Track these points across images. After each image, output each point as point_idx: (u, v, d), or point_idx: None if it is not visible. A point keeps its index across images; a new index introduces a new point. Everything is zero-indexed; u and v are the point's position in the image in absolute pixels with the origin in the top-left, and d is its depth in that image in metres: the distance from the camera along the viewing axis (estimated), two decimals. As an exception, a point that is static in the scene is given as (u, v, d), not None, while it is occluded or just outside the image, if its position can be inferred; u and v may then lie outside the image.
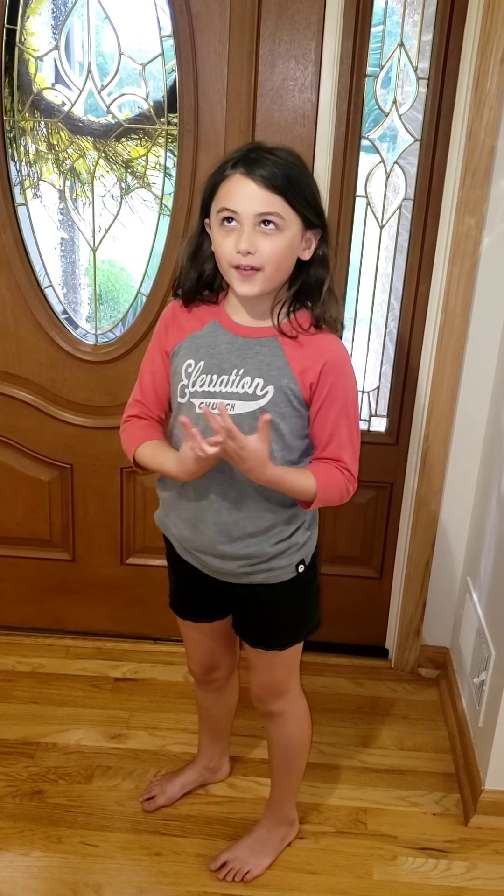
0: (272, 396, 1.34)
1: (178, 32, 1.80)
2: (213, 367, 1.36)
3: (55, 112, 1.91)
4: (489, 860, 1.76)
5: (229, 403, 1.33)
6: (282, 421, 1.35)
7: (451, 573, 2.17)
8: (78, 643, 2.33)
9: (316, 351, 1.34)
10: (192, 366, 1.37)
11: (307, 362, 1.34)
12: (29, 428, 2.15)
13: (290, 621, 1.54)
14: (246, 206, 1.26)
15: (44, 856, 1.72)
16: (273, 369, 1.34)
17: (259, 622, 1.54)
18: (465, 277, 1.88)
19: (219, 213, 1.29)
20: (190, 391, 1.37)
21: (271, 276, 1.30)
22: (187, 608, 1.63)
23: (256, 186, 1.25)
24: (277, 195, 1.26)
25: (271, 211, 1.26)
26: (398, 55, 1.83)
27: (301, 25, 1.77)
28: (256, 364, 1.34)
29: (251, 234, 1.26)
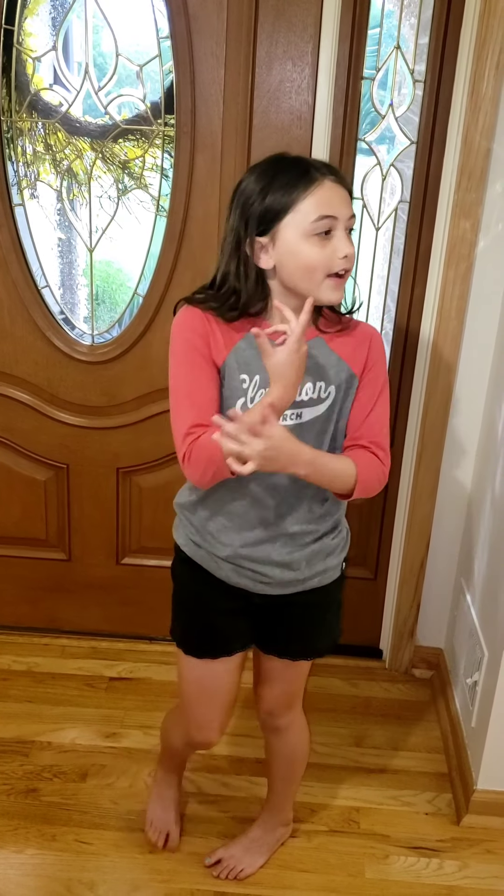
0: (334, 396, 1.34)
1: (175, 34, 1.80)
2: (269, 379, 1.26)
3: (52, 113, 1.92)
4: (480, 859, 1.77)
5: (296, 412, 1.31)
6: (340, 416, 1.36)
7: (446, 574, 2.18)
8: (73, 643, 2.34)
9: (359, 337, 1.36)
10: (247, 381, 1.30)
11: (356, 350, 1.35)
12: (25, 428, 2.15)
13: (334, 624, 1.54)
14: (344, 210, 1.25)
15: (38, 853, 1.73)
16: (330, 369, 1.33)
17: (306, 630, 1.49)
18: (461, 280, 1.89)
19: (316, 222, 1.22)
20: (249, 408, 1.29)
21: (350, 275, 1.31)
22: (222, 643, 1.49)
23: (345, 191, 1.26)
24: (350, 196, 1.28)
25: (353, 214, 1.27)
26: (395, 58, 1.84)
27: (298, 28, 1.78)
28: (314, 368, 1.32)
29: (346, 239, 1.25)
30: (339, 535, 1.46)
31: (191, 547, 1.45)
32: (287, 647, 1.52)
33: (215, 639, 1.49)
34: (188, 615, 1.51)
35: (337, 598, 1.52)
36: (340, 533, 1.46)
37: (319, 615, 1.50)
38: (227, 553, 1.40)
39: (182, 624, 1.52)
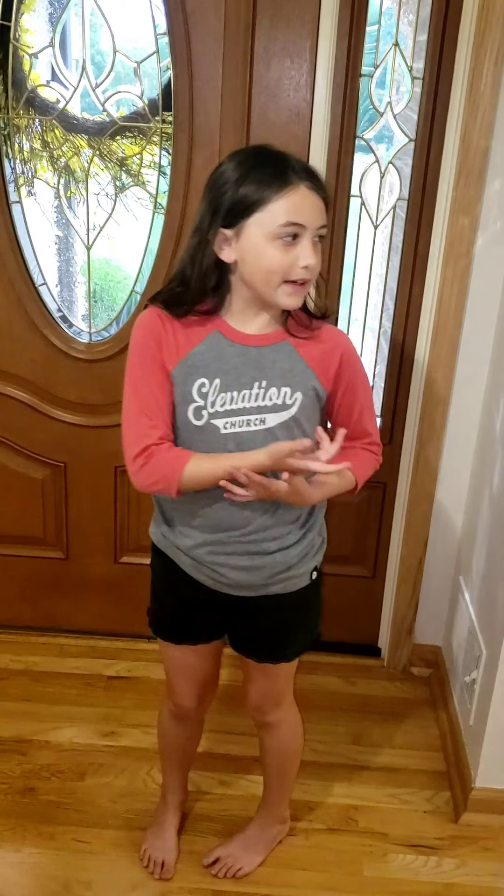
0: (301, 402, 1.32)
1: (173, 30, 1.79)
2: (232, 383, 1.29)
3: (50, 109, 1.91)
4: (479, 857, 1.77)
5: (259, 417, 1.30)
6: (307, 421, 1.35)
7: (444, 573, 2.18)
8: (71, 641, 2.33)
9: (328, 344, 1.34)
10: (206, 385, 1.28)
11: (324, 358, 1.33)
12: (22, 426, 2.15)
13: (301, 631, 1.52)
14: (314, 220, 1.22)
15: (36, 852, 1.73)
16: (296, 374, 1.32)
17: (271, 635, 1.48)
18: (459, 278, 1.88)
19: (283, 226, 1.20)
20: (209, 412, 1.29)
21: (312, 284, 1.29)
22: (188, 631, 1.51)
23: (319, 199, 1.22)
24: (327, 206, 1.25)
25: (326, 224, 1.25)
26: (393, 55, 1.83)
27: (296, 24, 1.78)
28: (278, 373, 1.30)
29: (313, 248, 1.23)
30: (307, 543, 1.43)
31: (158, 536, 1.47)
32: (255, 650, 1.51)
33: (181, 627, 1.51)
34: (158, 601, 1.54)
35: (309, 602, 1.50)
36: (311, 542, 1.44)
37: (288, 620, 1.48)
38: (189, 545, 1.40)
39: (154, 607, 1.56)
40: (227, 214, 1.23)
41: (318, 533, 1.46)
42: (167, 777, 1.75)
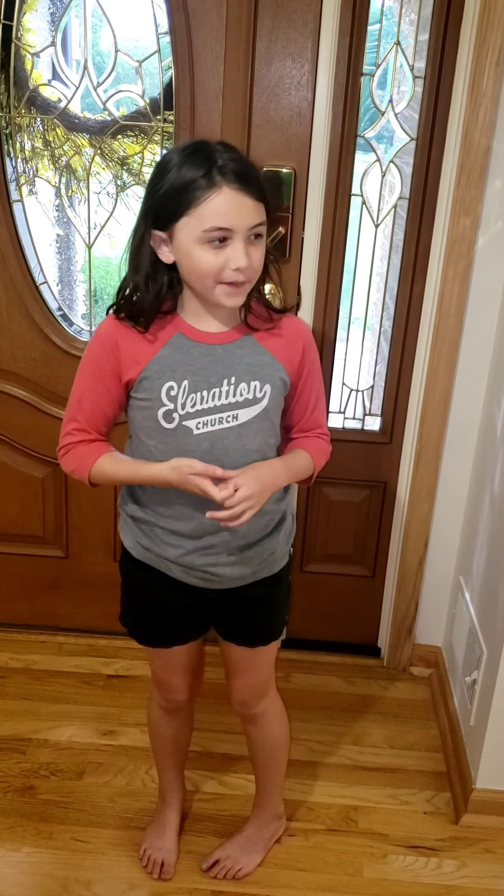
0: (270, 394, 1.33)
1: (174, 29, 1.79)
2: (201, 383, 1.29)
3: (51, 109, 1.91)
4: (479, 859, 1.77)
5: (231, 414, 1.31)
6: (275, 413, 1.37)
7: (444, 572, 2.18)
8: (70, 640, 2.33)
9: (291, 334, 1.36)
10: (174, 388, 1.28)
11: (289, 348, 1.35)
12: (23, 424, 2.15)
13: (282, 608, 1.55)
14: (243, 221, 1.19)
15: (34, 851, 1.72)
16: (264, 367, 1.33)
17: (260, 617, 1.50)
18: (460, 278, 1.88)
19: (208, 231, 1.19)
20: (180, 414, 1.29)
21: (252, 284, 1.27)
22: (176, 635, 1.51)
23: (249, 199, 1.19)
24: (262, 204, 1.22)
25: (261, 222, 1.22)
26: (394, 54, 1.83)
27: (298, 23, 1.78)
28: (246, 367, 1.31)
29: (246, 248, 1.21)
30: (286, 524, 1.47)
31: (138, 549, 1.43)
32: (243, 635, 1.52)
33: (168, 632, 1.51)
34: (140, 611, 1.52)
35: (285, 581, 1.53)
36: (286, 522, 1.47)
37: (271, 601, 1.51)
38: (177, 554, 1.39)
39: (134, 617, 1.53)
40: (156, 218, 1.23)
41: (290, 512, 1.50)
42: (164, 775, 1.74)
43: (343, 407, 2.13)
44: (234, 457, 1.32)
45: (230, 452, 1.32)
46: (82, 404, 1.34)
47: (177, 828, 1.75)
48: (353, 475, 2.16)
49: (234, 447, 1.32)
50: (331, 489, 2.18)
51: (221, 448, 1.31)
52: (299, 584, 2.28)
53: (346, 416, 2.14)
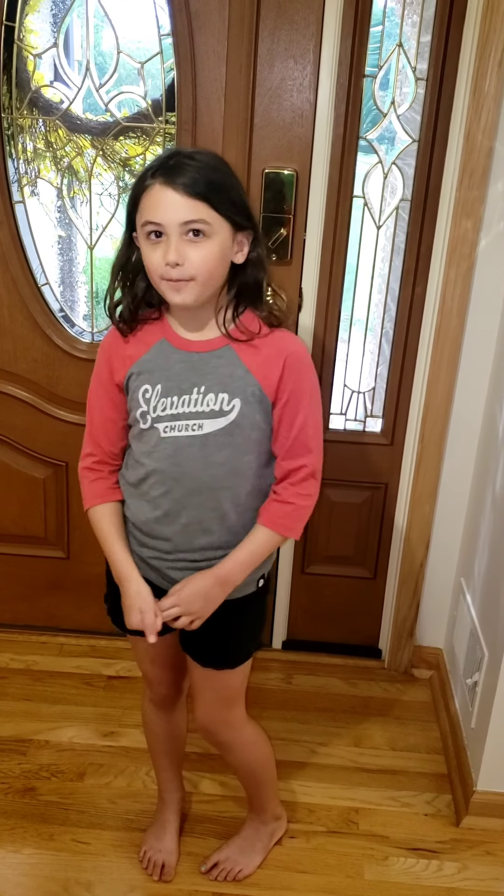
0: (240, 409, 1.31)
1: (176, 31, 1.79)
2: (172, 389, 1.31)
3: (53, 110, 1.91)
4: (480, 861, 1.76)
5: (196, 423, 1.31)
6: (254, 430, 1.33)
7: (445, 574, 2.18)
8: (71, 641, 2.33)
9: (274, 350, 1.31)
10: (149, 391, 1.33)
11: (267, 364, 1.30)
12: (24, 425, 2.15)
13: (244, 638, 1.50)
14: (170, 216, 1.21)
15: (35, 853, 1.72)
16: (235, 380, 1.30)
17: (215, 638, 1.46)
18: (462, 280, 1.88)
19: (143, 226, 1.24)
20: (152, 417, 1.33)
21: (204, 284, 1.26)
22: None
23: (178, 195, 1.20)
24: (201, 201, 1.21)
25: (196, 218, 1.21)
26: (397, 56, 1.83)
27: (300, 25, 1.77)
28: (217, 378, 1.30)
29: (179, 245, 1.22)
30: None
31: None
32: (199, 652, 1.49)
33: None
34: (113, 592, 1.53)
35: (250, 613, 1.48)
36: None
37: (232, 626, 1.45)
38: (136, 548, 1.44)
39: (110, 598, 1.56)
40: (128, 220, 1.29)
41: None
42: (160, 774, 1.74)
43: (344, 408, 2.13)
44: (196, 467, 1.33)
45: (191, 461, 1.33)
46: (93, 415, 1.42)
47: (176, 829, 1.74)
48: (355, 476, 2.16)
49: (197, 457, 1.32)
50: (332, 490, 2.18)
51: (183, 455, 1.32)
52: (300, 585, 2.28)
53: (347, 418, 2.14)
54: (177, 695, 1.64)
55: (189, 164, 1.22)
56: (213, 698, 1.53)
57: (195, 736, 1.76)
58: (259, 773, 1.67)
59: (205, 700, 1.54)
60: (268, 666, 2.28)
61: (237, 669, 1.50)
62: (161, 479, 1.35)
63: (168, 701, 1.63)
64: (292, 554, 2.25)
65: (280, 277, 1.94)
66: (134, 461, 1.40)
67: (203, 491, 1.34)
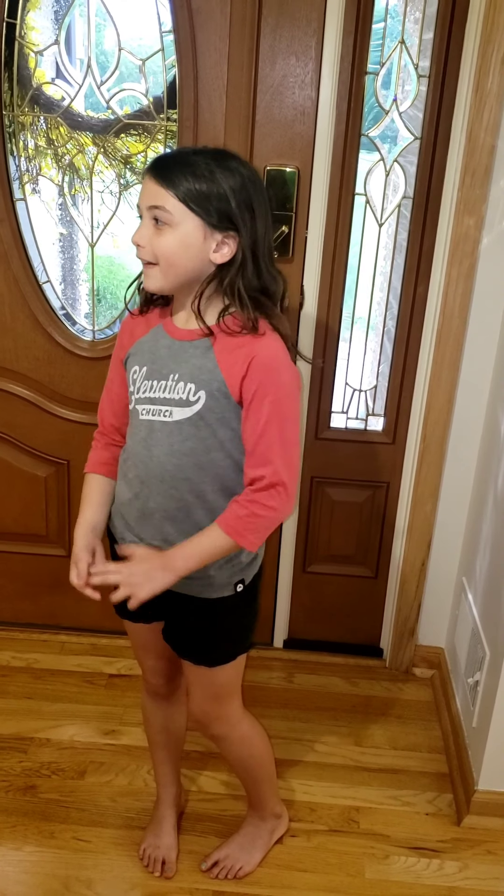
0: (205, 402, 1.31)
1: (178, 28, 1.79)
2: (154, 372, 1.35)
3: (55, 107, 1.91)
4: (481, 860, 1.76)
5: (167, 409, 1.33)
6: (221, 427, 1.32)
7: (447, 573, 2.17)
8: (73, 639, 2.33)
9: (245, 351, 1.29)
10: (137, 372, 1.38)
11: (236, 364, 1.29)
12: (26, 424, 2.15)
13: (220, 640, 1.48)
14: (143, 200, 1.28)
15: (36, 850, 1.72)
16: (204, 373, 1.30)
17: (190, 634, 1.47)
18: (464, 278, 1.88)
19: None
20: (136, 398, 1.37)
21: (166, 272, 1.28)
22: (125, 608, 1.43)
23: (151, 182, 1.26)
24: (166, 190, 1.24)
25: (157, 205, 1.25)
26: (399, 53, 1.83)
27: (302, 22, 1.77)
28: (189, 368, 1.31)
29: (143, 228, 1.28)
30: (232, 560, 1.40)
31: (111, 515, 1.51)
32: (178, 645, 1.50)
33: (123, 604, 1.47)
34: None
35: (235, 614, 1.46)
36: (233, 557, 1.40)
37: (210, 625, 1.45)
38: (122, 531, 1.46)
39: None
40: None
41: (247, 552, 1.41)
42: (158, 769, 1.74)
43: (346, 407, 2.12)
44: (161, 452, 1.35)
45: (160, 446, 1.35)
46: (106, 386, 1.50)
47: (174, 824, 1.74)
48: (356, 475, 2.16)
49: (164, 443, 1.34)
50: (333, 489, 2.17)
51: (154, 440, 1.35)
52: (301, 584, 2.28)
53: (348, 416, 2.13)
54: (171, 686, 1.64)
55: (172, 156, 1.30)
56: (202, 693, 1.54)
57: (196, 734, 1.77)
58: (255, 769, 1.67)
59: (195, 693, 1.55)
60: (269, 665, 2.28)
61: (222, 668, 1.49)
62: (135, 461, 1.39)
63: (162, 691, 1.64)
64: (293, 553, 2.24)
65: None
66: (125, 440, 1.46)
67: (166, 479, 1.35)
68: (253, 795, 1.71)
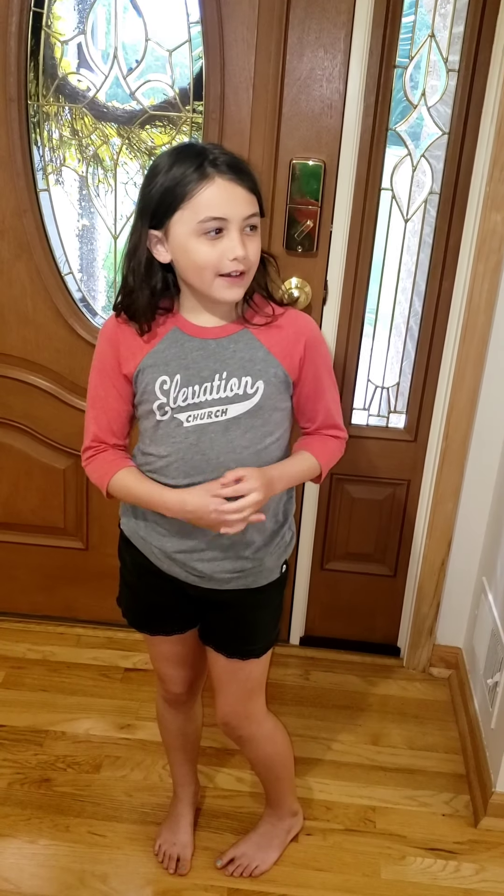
0: (264, 391, 1.31)
1: (205, 19, 1.77)
2: (192, 378, 1.30)
3: (80, 97, 1.90)
4: (499, 863, 1.75)
5: (220, 409, 1.30)
6: (275, 411, 1.34)
7: (467, 573, 2.15)
8: (89, 632, 2.33)
9: (292, 331, 1.32)
10: (167, 382, 1.30)
11: (287, 345, 1.32)
12: (45, 415, 2.14)
13: (270, 625, 1.49)
14: (237, 211, 1.21)
15: (51, 844, 1.72)
16: (257, 363, 1.30)
17: (239, 628, 1.46)
18: (490, 274, 1.85)
19: (203, 222, 1.21)
20: (172, 408, 1.31)
21: (251, 277, 1.28)
22: (160, 623, 1.52)
23: (243, 190, 1.21)
24: (255, 196, 1.24)
25: (255, 213, 1.24)
26: (428, 47, 1.80)
27: (331, 14, 1.75)
28: (238, 363, 1.30)
29: (240, 240, 1.22)
30: (280, 539, 1.42)
31: (131, 529, 1.45)
32: (220, 641, 1.48)
33: (151, 619, 1.52)
34: (129, 592, 1.53)
35: (275, 600, 1.49)
36: (281, 537, 1.42)
37: (252, 614, 1.45)
38: (161, 542, 1.40)
39: (125, 598, 1.56)
40: (152, 216, 1.25)
41: (289, 527, 1.45)
42: (175, 769, 1.73)
43: (368, 404, 2.11)
44: (219, 451, 1.31)
45: (215, 446, 1.31)
46: (95, 403, 1.39)
47: (191, 822, 1.74)
48: (377, 473, 2.14)
49: (220, 441, 1.31)
50: (353, 486, 2.16)
51: (207, 441, 1.31)
52: (319, 581, 2.27)
53: (370, 413, 2.12)
54: (190, 694, 1.63)
55: (232, 155, 1.24)
56: (237, 691, 1.52)
57: (212, 730, 1.76)
58: (277, 767, 1.66)
59: (228, 694, 1.53)
60: (286, 662, 2.27)
61: (256, 661, 1.49)
62: (183, 468, 1.32)
63: (181, 699, 1.62)
64: (311, 550, 2.23)
65: (306, 269, 1.92)
66: (142, 454, 1.39)
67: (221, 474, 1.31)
68: (272, 793, 1.70)
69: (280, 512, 1.42)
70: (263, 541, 1.39)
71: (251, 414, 1.31)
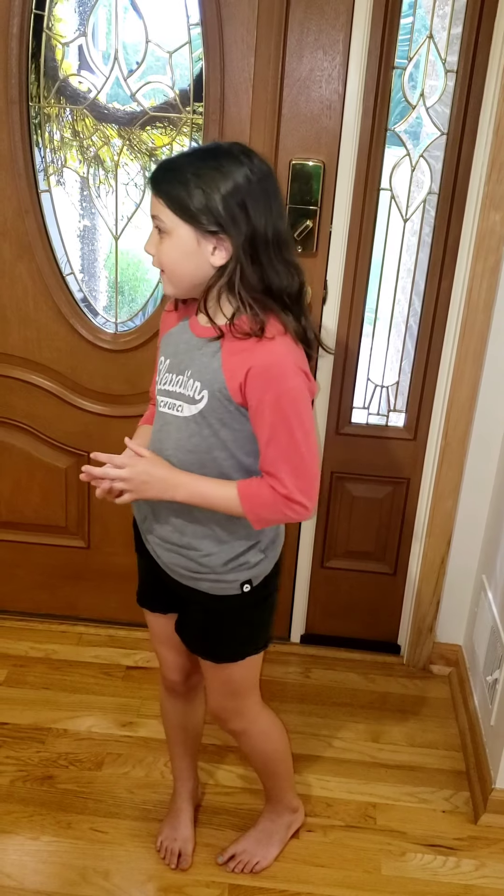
0: (208, 401, 1.30)
1: (205, 21, 1.79)
2: (175, 366, 1.36)
3: (81, 99, 1.91)
4: (498, 859, 1.76)
5: (179, 404, 1.34)
6: (222, 427, 1.31)
7: (467, 571, 2.16)
8: (91, 630, 2.34)
9: (247, 356, 1.26)
10: (162, 363, 1.40)
11: (237, 368, 1.27)
12: (47, 415, 2.15)
13: (227, 638, 1.48)
14: (152, 211, 1.29)
15: (53, 840, 1.73)
16: (208, 373, 1.30)
17: (200, 630, 1.49)
18: (489, 274, 1.86)
19: None
20: (158, 388, 1.40)
21: (171, 278, 1.31)
22: (150, 597, 1.56)
23: (154, 192, 1.28)
24: (159, 199, 1.26)
25: (154, 214, 1.28)
26: (427, 48, 1.82)
27: (330, 16, 1.76)
28: (199, 366, 1.32)
29: (151, 237, 1.30)
30: (235, 555, 1.40)
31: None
32: (188, 639, 1.52)
33: (143, 591, 1.59)
34: (138, 566, 1.59)
35: (244, 615, 1.46)
36: (242, 555, 1.40)
37: (217, 622, 1.46)
38: (136, 513, 1.50)
39: (138, 571, 1.61)
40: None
41: (260, 551, 1.41)
42: (175, 763, 1.75)
43: (367, 403, 2.12)
44: (168, 446, 1.36)
45: (170, 440, 1.36)
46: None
47: (191, 817, 1.75)
48: (376, 471, 2.15)
49: (172, 437, 1.36)
50: (353, 485, 2.17)
51: (165, 433, 1.37)
52: (319, 579, 2.28)
53: (370, 412, 2.13)
54: (188, 684, 1.64)
55: (164, 164, 1.29)
56: (219, 688, 1.55)
57: (214, 728, 1.77)
58: (273, 763, 1.67)
59: (212, 689, 1.56)
60: (286, 660, 2.28)
61: (233, 666, 1.49)
62: (153, 445, 1.41)
63: (180, 689, 1.64)
64: (312, 548, 2.24)
65: (305, 269, 1.89)
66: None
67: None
68: (270, 790, 1.71)
69: (234, 529, 1.38)
70: (213, 551, 1.39)
71: (197, 420, 1.32)
